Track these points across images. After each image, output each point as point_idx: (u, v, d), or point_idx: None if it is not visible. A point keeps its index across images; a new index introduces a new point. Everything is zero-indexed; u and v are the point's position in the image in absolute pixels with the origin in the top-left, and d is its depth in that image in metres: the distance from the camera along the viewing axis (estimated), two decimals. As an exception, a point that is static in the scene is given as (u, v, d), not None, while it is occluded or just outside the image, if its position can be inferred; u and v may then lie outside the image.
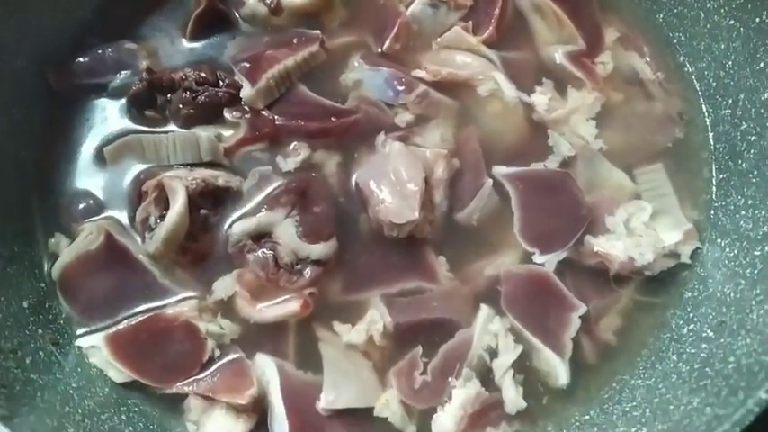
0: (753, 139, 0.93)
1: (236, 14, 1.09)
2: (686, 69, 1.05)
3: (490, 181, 0.96)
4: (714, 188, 0.98)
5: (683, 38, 1.05)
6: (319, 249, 0.90)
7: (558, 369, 0.88)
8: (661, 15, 1.08)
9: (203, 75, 0.99)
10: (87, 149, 0.99)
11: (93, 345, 0.89)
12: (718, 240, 0.93)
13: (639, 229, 0.92)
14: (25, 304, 0.88)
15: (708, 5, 1.00)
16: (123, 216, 0.95)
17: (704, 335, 0.86)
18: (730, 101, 0.98)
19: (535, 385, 0.90)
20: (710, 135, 1.01)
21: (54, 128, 1.00)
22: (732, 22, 0.97)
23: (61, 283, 0.91)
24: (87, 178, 0.97)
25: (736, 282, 0.86)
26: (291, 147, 0.99)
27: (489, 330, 0.88)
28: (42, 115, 1.01)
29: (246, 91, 0.99)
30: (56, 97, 1.01)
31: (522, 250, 0.93)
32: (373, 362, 0.90)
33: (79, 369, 0.89)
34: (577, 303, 0.88)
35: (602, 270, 0.91)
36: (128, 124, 1.00)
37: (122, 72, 1.02)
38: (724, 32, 0.98)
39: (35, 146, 0.99)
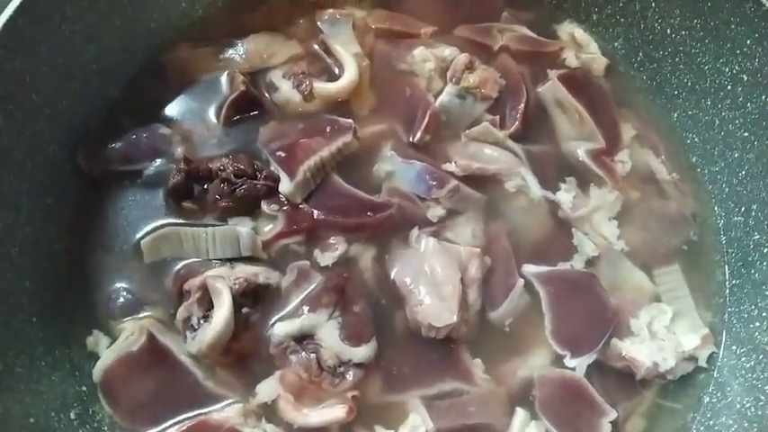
0: (766, 251, 0.99)
1: (269, 99, 1.10)
2: (699, 170, 1.11)
3: (521, 281, 1.00)
4: (727, 292, 1.04)
5: (696, 139, 1.11)
6: (362, 352, 0.92)
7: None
8: (675, 115, 1.14)
9: (241, 166, 1.00)
10: (123, 241, 0.98)
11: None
12: (734, 347, 0.99)
13: (661, 333, 0.98)
14: (72, 415, 0.87)
15: (723, 114, 1.06)
16: (162, 312, 0.95)
17: (727, 448, 0.92)
18: (743, 209, 1.04)
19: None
20: (723, 239, 1.07)
21: (88, 217, 0.99)
22: (747, 134, 1.03)
23: (103, 386, 0.90)
24: (124, 272, 0.96)
25: (756, 397, 0.92)
26: (329, 240, 1.00)
27: (526, 435, 0.92)
28: (75, 204, 0.99)
29: (285, 186, 1.00)
30: (88, 185, 1.00)
31: (552, 350, 0.97)
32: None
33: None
34: (608, 409, 0.93)
35: (628, 373, 0.96)
36: (164, 214, 1.00)
37: (157, 159, 1.01)
38: (738, 142, 1.04)
39: (69, 237, 0.98)
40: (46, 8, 0.92)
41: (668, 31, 1.10)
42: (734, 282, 1.04)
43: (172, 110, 1.07)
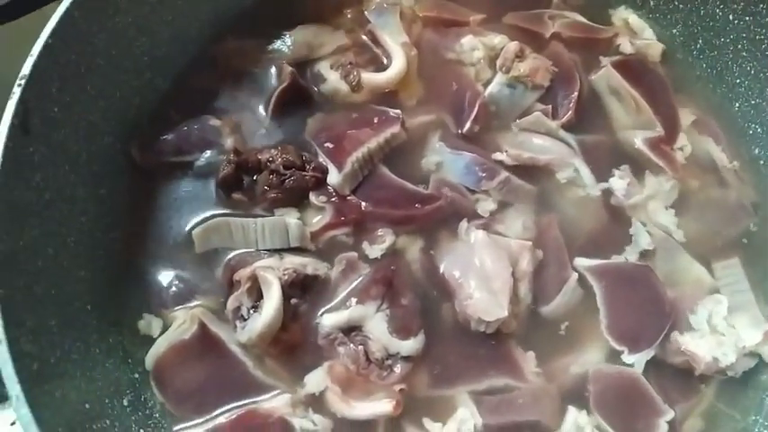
0: (832, 248, 0.94)
1: (317, 90, 1.10)
2: (762, 162, 1.07)
3: (575, 275, 0.97)
4: (790, 287, 1.00)
5: (759, 130, 1.07)
6: (410, 345, 0.91)
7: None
8: (737, 104, 1.09)
9: (290, 158, 0.99)
10: (175, 231, 0.99)
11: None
12: (799, 344, 0.95)
13: (721, 327, 0.94)
14: (125, 402, 0.88)
15: (790, 104, 1.01)
16: (213, 301, 0.95)
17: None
18: (807, 202, 0.99)
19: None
20: (786, 232, 1.03)
21: (140, 208, 1.00)
22: (815, 126, 0.98)
23: (155, 374, 0.91)
24: (176, 261, 0.97)
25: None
26: (378, 233, 0.99)
27: (578, 433, 0.89)
28: (128, 195, 1.00)
29: (334, 177, 0.99)
30: (141, 176, 1.02)
31: (607, 346, 0.94)
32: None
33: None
34: (666, 409, 0.90)
35: (686, 369, 0.93)
36: (214, 205, 1.00)
37: (207, 151, 1.02)
38: (806, 135, 1.00)
39: (122, 227, 0.99)
40: (100, 0, 0.94)
41: (730, 17, 1.06)
42: (797, 277, 0.99)
43: (221, 102, 1.08)
